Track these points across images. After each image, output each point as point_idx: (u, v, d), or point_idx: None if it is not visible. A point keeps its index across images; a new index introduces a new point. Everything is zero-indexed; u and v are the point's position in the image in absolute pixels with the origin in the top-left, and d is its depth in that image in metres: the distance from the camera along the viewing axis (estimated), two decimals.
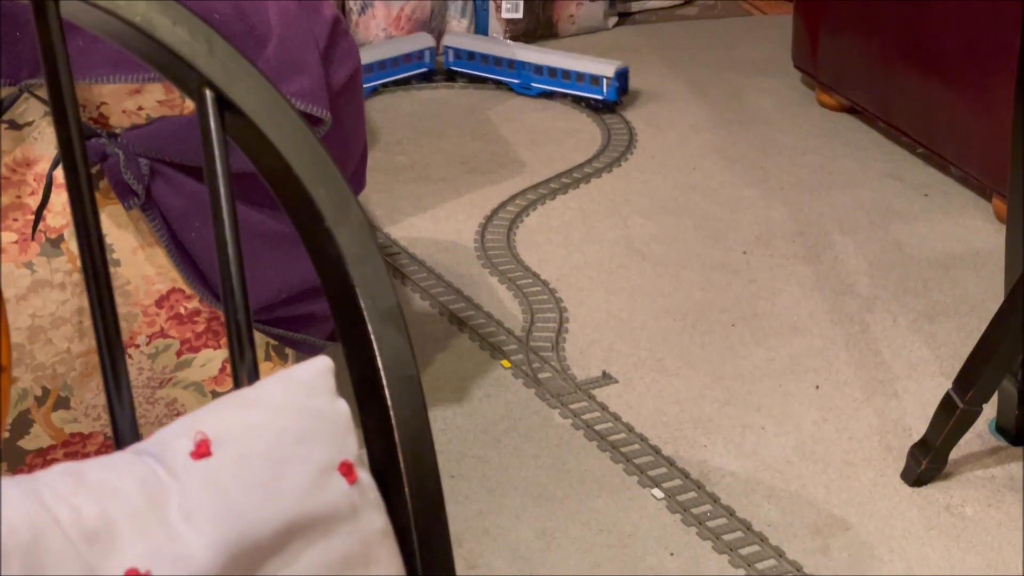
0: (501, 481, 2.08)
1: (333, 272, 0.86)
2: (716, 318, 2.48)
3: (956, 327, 2.41)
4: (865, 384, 2.28)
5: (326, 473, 0.81)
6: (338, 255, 0.85)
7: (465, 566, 1.91)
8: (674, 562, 1.91)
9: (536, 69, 3.37)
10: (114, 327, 0.80)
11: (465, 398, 2.28)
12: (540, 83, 3.36)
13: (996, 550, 1.91)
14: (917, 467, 2.03)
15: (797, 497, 2.03)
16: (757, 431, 2.18)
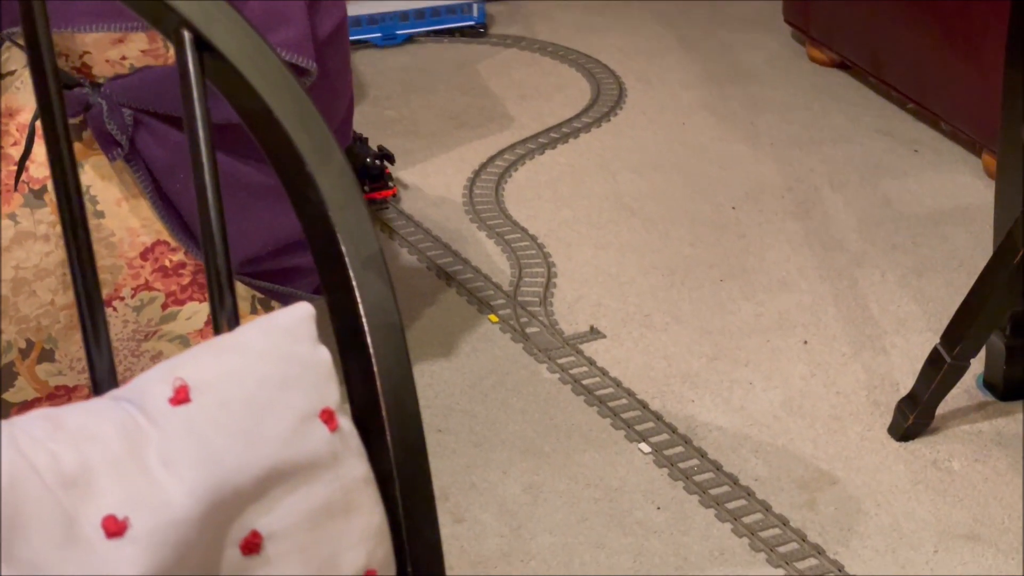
0: (488, 435, 2.08)
1: (314, 218, 0.85)
2: (705, 273, 2.47)
3: (945, 283, 2.40)
4: (853, 339, 2.28)
5: (307, 420, 0.80)
6: (319, 201, 0.84)
7: (451, 520, 1.91)
8: (661, 516, 1.91)
9: (401, 16, 3.32)
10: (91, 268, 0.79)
11: (452, 353, 2.27)
12: (407, 29, 3.32)
13: (982, 504, 1.92)
14: (904, 422, 2.03)
15: (784, 452, 2.03)
16: (745, 386, 2.18)
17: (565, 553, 1.84)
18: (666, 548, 1.85)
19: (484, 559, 1.84)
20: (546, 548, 1.85)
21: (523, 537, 1.88)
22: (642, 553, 1.84)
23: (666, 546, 1.85)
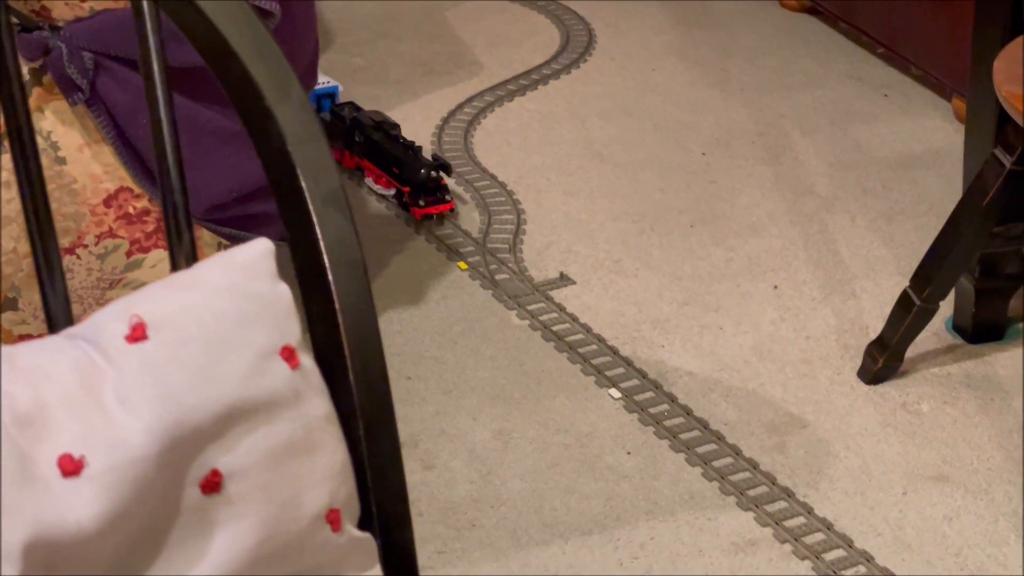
0: (458, 382, 2.07)
1: (274, 153, 0.84)
2: (675, 219, 2.46)
3: (914, 227, 2.40)
4: (823, 284, 2.28)
5: (267, 357, 0.79)
6: (279, 135, 0.82)
7: (421, 467, 1.90)
8: (631, 461, 1.91)
9: None
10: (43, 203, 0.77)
11: (422, 300, 2.26)
12: None
13: (951, 446, 1.92)
14: (874, 365, 2.03)
15: (754, 396, 2.03)
16: (715, 331, 2.17)
17: (535, 498, 1.84)
18: (636, 493, 1.85)
19: (454, 505, 1.83)
20: (516, 494, 1.85)
21: (493, 483, 1.87)
22: (612, 498, 1.84)
23: (636, 491, 1.85)
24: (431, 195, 2.41)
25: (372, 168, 2.50)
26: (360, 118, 2.54)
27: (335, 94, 2.67)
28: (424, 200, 2.40)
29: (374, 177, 2.50)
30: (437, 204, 2.42)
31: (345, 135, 2.55)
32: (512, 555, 1.75)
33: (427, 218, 2.41)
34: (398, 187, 2.44)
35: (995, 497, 1.83)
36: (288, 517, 0.78)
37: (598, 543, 1.76)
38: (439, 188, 2.42)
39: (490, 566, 1.73)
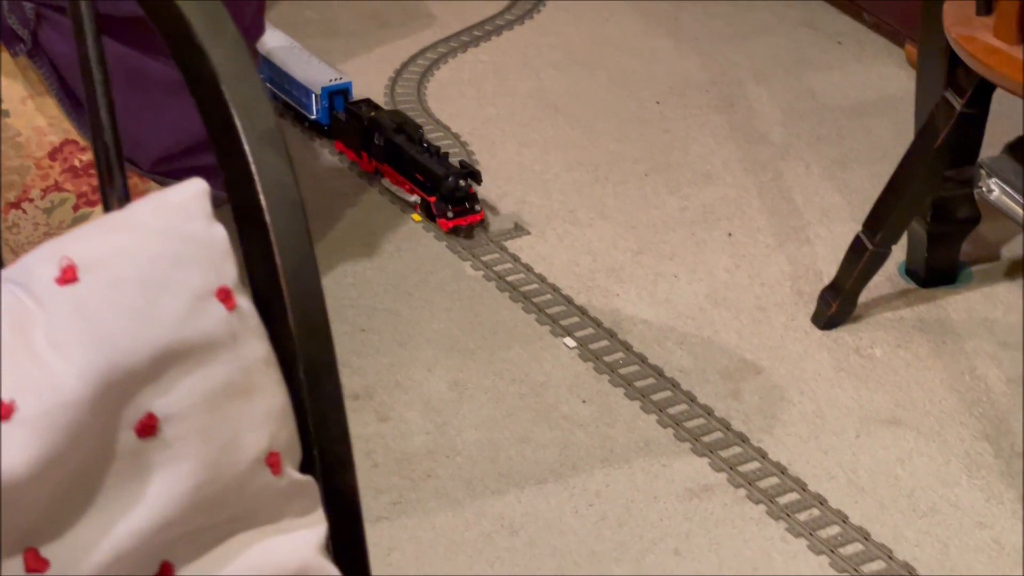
0: (413, 334, 2.06)
1: (207, 92, 0.82)
2: (629, 168, 2.46)
3: (868, 173, 2.40)
4: (777, 231, 2.28)
5: (203, 299, 0.77)
6: (211, 73, 0.81)
7: (376, 418, 1.89)
8: (586, 409, 1.91)
9: None
10: None
11: (375, 252, 2.25)
12: None
13: (904, 390, 1.93)
14: (827, 310, 2.03)
15: (709, 343, 2.03)
16: (670, 279, 2.17)
17: (491, 448, 1.84)
18: (591, 440, 1.85)
19: (409, 456, 1.83)
20: (472, 444, 1.85)
21: (448, 434, 1.87)
22: (568, 446, 1.84)
23: (591, 438, 1.85)
24: (459, 204, 2.24)
25: (393, 173, 2.34)
26: (379, 118, 2.37)
27: (348, 90, 2.49)
28: (452, 211, 2.24)
29: (394, 182, 2.35)
30: (466, 215, 2.25)
31: (362, 136, 2.38)
32: (467, 504, 1.75)
33: (457, 231, 2.25)
34: (422, 196, 2.27)
35: (947, 439, 1.84)
36: (227, 460, 0.78)
37: (553, 491, 1.76)
38: (468, 197, 2.25)
39: (445, 516, 1.73)
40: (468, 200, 2.25)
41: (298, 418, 0.84)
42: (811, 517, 1.72)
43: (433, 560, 1.66)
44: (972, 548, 1.67)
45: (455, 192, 2.23)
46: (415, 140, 2.31)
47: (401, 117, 2.38)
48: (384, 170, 2.36)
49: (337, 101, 2.47)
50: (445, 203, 2.23)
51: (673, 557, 1.66)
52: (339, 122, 2.45)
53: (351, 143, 2.42)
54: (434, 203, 2.25)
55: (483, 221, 2.27)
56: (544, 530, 1.70)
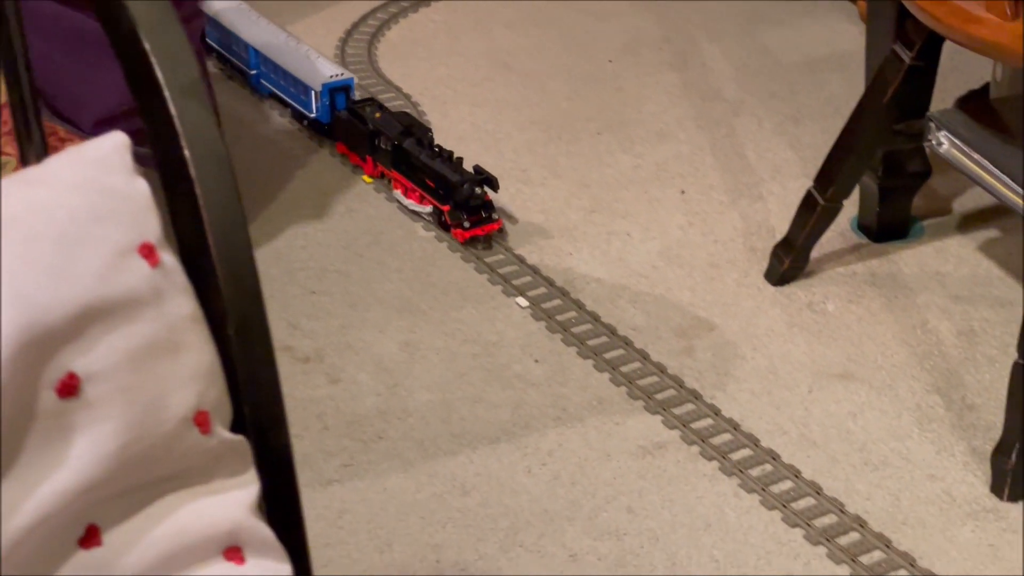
0: (364, 295, 2.04)
1: (127, 43, 0.80)
2: (582, 127, 2.44)
3: (821, 129, 2.39)
4: (730, 188, 2.27)
5: (124, 255, 0.76)
6: (130, 22, 0.79)
7: (327, 381, 1.88)
8: (539, 368, 1.90)
9: None
10: None
11: (326, 214, 2.22)
12: None
13: (856, 344, 1.93)
14: (780, 266, 2.03)
15: (662, 301, 2.02)
16: (623, 238, 2.16)
17: (443, 409, 1.83)
18: (544, 400, 1.84)
19: (361, 418, 1.81)
20: (423, 405, 1.83)
21: (400, 395, 1.85)
22: (521, 405, 1.83)
23: (544, 398, 1.84)
24: (475, 213, 2.09)
25: (402, 180, 2.19)
26: (385, 120, 2.22)
27: (350, 87, 2.34)
28: (468, 220, 2.09)
29: (403, 190, 2.19)
30: (484, 224, 2.10)
31: (368, 139, 2.24)
32: (419, 465, 1.73)
33: (474, 240, 2.10)
34: (435, 204, 2.13)
35: (899, 392, 1.84)
36: (153, 420, 0.76)
37: (506, 451, 1.76)
38: (484, 204, 2.10)
39: (397, 477, 1.72)
40: (484, 208, 2.10)
41: (229, 377, 0.83)
42: (764, 472, 1.71)
43: (384, 522, 1.65)
44: (923, 500, 1.67)
45: (471, 200, 2.09)
46: (424, 144, 2.17)
47: (409, 119, 2.24)
48: (393, 176, 2.21)
49: (338, 98, 2.33)
50: (460, 212, 2.09)
51: (626, 515, 1.66)
52: (341, 123, 2.30)
53: (355, 146, 2.28)
54: (448, 212, 2.10)
55: (501, 229, 2.13)
56: (496, 490, 1.70)
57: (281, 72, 2.42)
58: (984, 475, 1.69)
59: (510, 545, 1.61)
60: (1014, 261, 2.08)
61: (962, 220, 2.18)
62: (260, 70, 2.48)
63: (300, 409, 1.82)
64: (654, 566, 1.58)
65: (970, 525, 1.63)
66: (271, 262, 2.11)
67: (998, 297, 2.00)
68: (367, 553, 1.61)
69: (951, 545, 1.60)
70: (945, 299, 2.01)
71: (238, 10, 2.54)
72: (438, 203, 2.12)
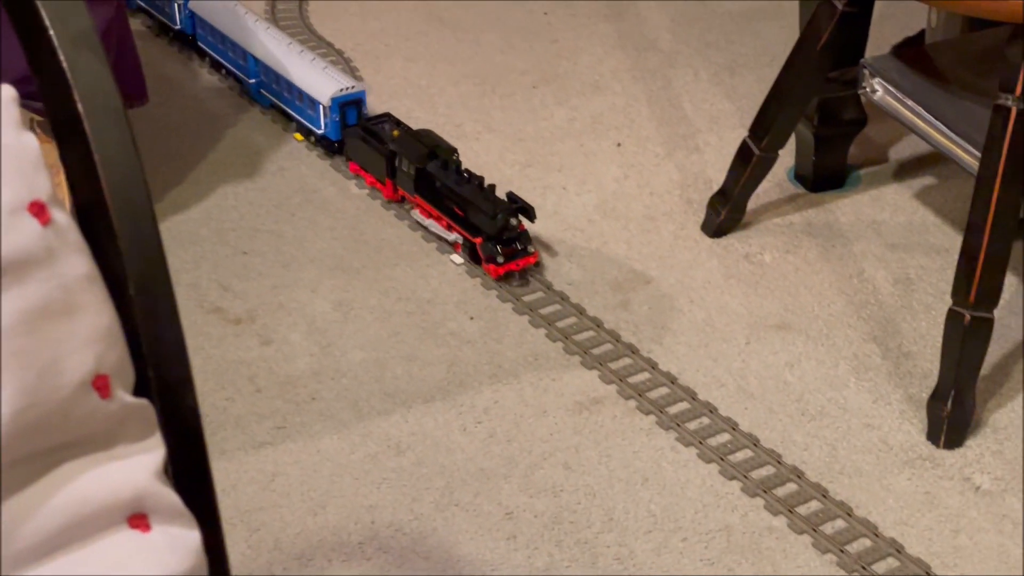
0: (296, 255, 2.01)
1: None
2: (517, 80, 2.41)
3: (756, 79, 2.37)
4: (666, 139, 2.25)
5: (13, 213, 0.72)
6: None
7: (259, 342, 1.85)
8: (474, 326, 1.87)
9: None
10: None
11: (257, 173, 2.19)
12: None
13: (793, 294, 1.92)
14: (716, 218, 2.01)
15: (598, 255, 2.00)
16: (558, 191, 2.14)
17: (377, 368, 1.80)
18: (479, 357, 1.82)
19: (294, 379, 1.78)
20: (357, 364, 1.81)
21: (333, 355, 1.83)
22: (456, 363, 1.81)
23: (479, 355, 1.82)
24: (509, 245, 1.91)
25: (426, 206, 2.01)
26: (406, 141, 2.04)
27: (362, 100, 2.16)
28: (503, 254, 1.91)
29: (428, 216, 2.01)
30: (519, 256, 1.91)
31: (386, 161, 2.05)
32: (354, 426, 1.71)
33: (509, 276, 1.92)
34: (465, 235, 1.95)
35: (835, 342, 1.83)
36: (48, 385, 0.73)
37: (441, 409, 1.73)
38: (519, 236, 1.92)
39: (331, 438, 1.69)
40: (519, 239, 1.92)
41: (131, 339, 0.80)
42: (701, 426, 1.70)
43: (318, 484, 1.62)
44: (860, 449, 1.66)
45: (505, 232, 1.91)
46: (451, 167, 1.99)
47: (432, 139, 2.06)
48: (416, 203, 2.02)
49: (349, 113, 2.14)
50: (494, 245, 1.90)
51: (563, 471, 1.64)
52: (354, 141, 2.12)
53: (371, 167, 2.10)
54: (480, 245, 1.91)
55: (539, 263, 1.95)
56: (432, 449, 1.68)
57: (284, 83, 2.22)
58: (920, 423, 1.69)
59: (445, 504, 1.59)
60: (950, 208, 2.08)
61: (898, 168, 2.17)
62: (260, 79, 2.29)
63: (231, 371, 1.79)
64: (591, 522, 1.57)
65: (906, 473, 1.63)
66: (201, 223, 2.07)
67: (934, 244, 2.00)
68: (300, 516, 1.58)
69: (887, 493, 1.60)
70: (881, 247, 2.00)
71: (233, 12, 2.33)
72: (468, 234, 1.93)
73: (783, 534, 1.55)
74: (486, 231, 1.91)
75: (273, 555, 1.53)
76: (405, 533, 1.56)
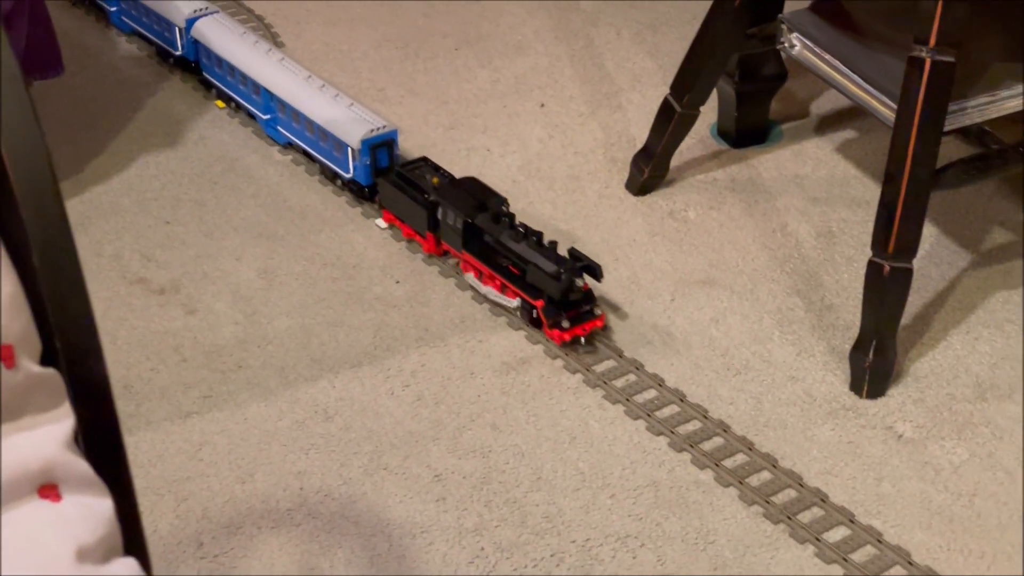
0: (219, 224, 2.00)
1: None
2: (439, 43, 2.40)
3: (679, 36, 2.38)
4: (590, 99, 2.25)
5: None
6: None
7: (184, 312, 1.83)
8: (400, 290, 1.87)
9: None
10: None
11: (179, 142, 2.16)
12: None
13: (717, 250, 1.93)
14: (640, 175, 2.02)
15: (524, 215, 2.00)
16: (483, 153, 2.13)
17: (303, 334, 1.79)
18: (406, 320, 1.81)
19: (219, 347, 1.77)
20: (283, 331, 1.80)
21: (259, 322, 1.82)
22: (382, 327, 1.80)
23: (406, 319, 1.82)
24: (572, 308, 1.71)
25: (475, 263, 1.80)
26: (448, 189, 1.84)
27: (394, 141, 1.96)
28: (567, 319, 1.71)
29: (477, 274, 1.81)
30: (586, 319, 1.72)
31: (428, 212, 1.84)
32: (280, 393, 1.70)
33: (575, 342, 1.72)
34: (523, 297, 1.75)
35: (759, 296, 1.85)
36: None
37: (368, 374, 1.73)
38: (585, 297, 1.73)
39: (258, 406, 1.68)
40: (585, 300, 1.73)
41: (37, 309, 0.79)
42: (628, 383, 1.71)
43: (245, 452, 1.62)
44: (784, 402, 1.68)
45: (570, 293, 1.72)
46: (503, 221, 1.78)
47: (477, 185, 1.86)
48: (465, 259, 1.82)
49: (380, 155, 1.95)
50: (558, 309, 1.71)
51: (491, 432, 1.64)
52: (389, 188, 1.91)
53: (409, 217, 1.89)
54: (542, 309, 1.72)
55: (606, 327, 1.75)
56: (359, 413, 1.67)
57: (305, 121, 2.03)
58: (843, 374, 1.71)
59: (374, 468, 1.59)
60: (870, 161, 2.10)
61: (819, 122, 2.19)
62: (276, 116, 2.10)
63: (156, 342, 1.78)
64: (520, 481, 1.58)
65: (830, 424, 1.65)
66: (123, 193, 2.05)
67: (855, 197, 2.02)
68: (228, 484, 1.57)
69: (812, 444, 1.62)
70: (804, 201, 2.02)
71: (242, 40, 2.15)
72: (528, 296, 1.74)
73: (710, 487, 1.57)
74: (549, 294, 1.72)
75: (202, 524, 1.52)
76: (334, 498, 1.56)
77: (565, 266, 1.71)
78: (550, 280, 1.71)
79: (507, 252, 1.77)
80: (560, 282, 1.70)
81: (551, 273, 1.71)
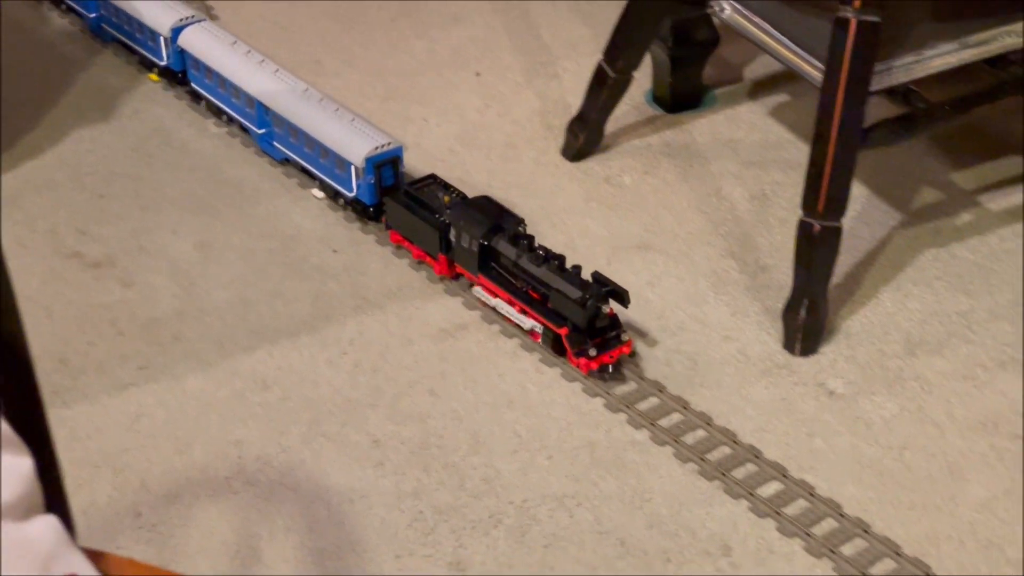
0: (156, 198, 1.99)
1: None
2: (375, 15, 2.40)
3: (614, 4, 2.37)
4: (525, 67, 2.26)
5: None
6: None
7: (120, 285, 1.83)
8: (338, 259, 1.87)
9: None
10: None
11: (113, 116, 2.15)
12: None
13: (652, 215, 1.94)
14: (575, 142, 2.03)
15: (461, 184, 2.00)
16: (419, 123, 2.14)
17: (241, 306, 1.79)
18: (344, 290, 1.82)
19: (156, 321, 1.77)
20: (222, 303, 1.80)
21: (197, 295, 1.82)
22: (320, 297, 1.81)
23: (344, 288, 1.82)
24: (597, 335, 1.64)
25: (492, 288, 1.73)
26: (461, 209, 1.76)
27: (399, 158, 1.88)
28: (594, 347, 1.63)
29: (495, 297, 1.74)
30: (612, 347, 1.64)
31: (439, 234, 1.77)
32: (219, 364, 1.71)
33: (602, 369, 1.65)
34: (546, 324, 1.67)
35: (694, 259, 1.86)
36: None
37: (306, 344, 1.73)
38: (611, 323, 1.66)
39: (196, 377, 1.68)
40: (611, 327, 1.65)
41: None
42: None
43: (183, 423, 1.62)
44: (719, 361, 1.70)
45: (595, 320, 1.64)
46: (521, 243, 1.70)
47: (491, 204, 1.77)
48: (481, 283, 1.75)
49: (384, 173, 1.88)
50: (583, 337, 1.64)
51: (429, 397, 1.65)
52: (396, 208, 1.83)
53: (419, 239, 1.81)
54: (566, 337, 1.64)
55: (633, 354, 1.67)
56: (298, 383, 1.68)
57: (305, 138, 1.94)
58: (777, 333, 1.73)
59: (313, 436, 1.60)
60: (803, 124, 2.11)
61: (753, 87, 2.20)
62: (272, 131, 2.00)
63: (93, 316, 1.78)
64: (457, 446, 1.59)
65: (764, 382, 1.67)
66: (56, 167, 2.04)
67: (788, 160, 2.04)
68: (166, 455, 1.58)
69: (746, 403, 1.64)
70: (738, 165, 2.03)
71: (232, 50, 2.06)
72: (551, 324, 1.66)
73: (645, 447, 1.58)
74: (574, 321, 1.65)
75: (139, 495, 1.53)
76: (273, 466, 1.56)
77: (590, 292, 1.63)
78: (575, 307, 1.63)
79: (527, 276, 1.70)
80: (586, 309, 1.62)
81: (576, 300, 1.63)
